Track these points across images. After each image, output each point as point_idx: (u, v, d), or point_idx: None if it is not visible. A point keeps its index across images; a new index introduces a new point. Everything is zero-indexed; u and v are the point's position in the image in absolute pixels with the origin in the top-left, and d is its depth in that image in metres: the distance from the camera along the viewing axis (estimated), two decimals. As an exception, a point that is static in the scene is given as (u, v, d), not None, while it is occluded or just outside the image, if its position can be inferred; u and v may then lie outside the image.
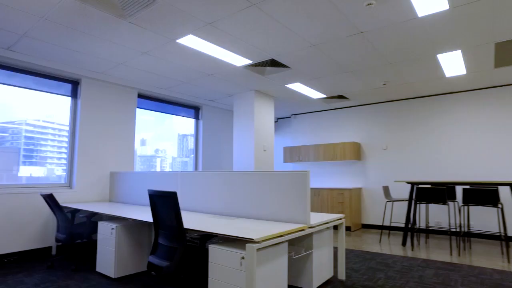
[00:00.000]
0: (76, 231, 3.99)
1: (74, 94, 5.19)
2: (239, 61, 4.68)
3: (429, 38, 3.95)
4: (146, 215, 3.47)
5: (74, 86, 5.19)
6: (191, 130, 7.29)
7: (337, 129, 7.93)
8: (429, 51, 4.36)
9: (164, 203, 2.57)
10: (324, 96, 6.66)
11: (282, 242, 2.54)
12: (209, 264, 2.46)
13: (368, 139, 7.41)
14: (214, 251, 2.44)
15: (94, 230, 4.14)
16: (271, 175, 3.15)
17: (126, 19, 3.46)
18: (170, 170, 6.83)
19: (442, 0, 3.10)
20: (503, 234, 5.07)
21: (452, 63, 4.81)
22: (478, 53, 4.42)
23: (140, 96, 6.16)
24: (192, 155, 7.25)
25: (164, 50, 4.30)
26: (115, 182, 5.31)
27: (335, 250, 4.94)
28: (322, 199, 7.29)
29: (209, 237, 2.64)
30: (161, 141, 6.73)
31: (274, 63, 4.77)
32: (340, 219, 3.52)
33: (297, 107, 7.75)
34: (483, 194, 4.70)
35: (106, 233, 3.69)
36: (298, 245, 3.11)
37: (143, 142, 6.44)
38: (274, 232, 2.40)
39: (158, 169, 6.64)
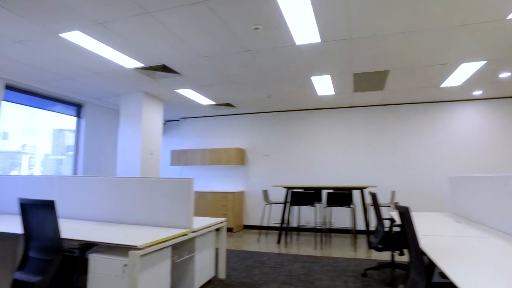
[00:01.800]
0: None
1: None
2: (130, 63, 4.56)
3: (304, 62, 4.57)
4: (8, 225, 3.12)
5: None
6: (70, 125, 6.66)
7: (223, 134, 8.30)
8: (305, 73, 5.02)
9: (39, 213, 2.40)
10: (213, 103, 6.93)
11: (165, 248, 2.65)
12: (89, 274, 2.40)
13: (252, 145, 7.98)
14: (95, 260, 2.40)
15: None
16: (157, 182, 3.21)
17: (-5, 3, 3.06)
18: (41, 169, 6.12)
19: (315, 34, 3.67)
20: (353, 229, 6.16)
21: (323, 85, 5.62)
22: (342, 79, 5.28)
23: (10, 88, 5.39)
24: (70, 153, 6.63)
25: (43, 42, 3.91)
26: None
27: (218, 251, 5.21)
28: (207, 202, 7.53)
29: (89, 246, 2.56)
30: (30, 135, 5.96)
31: (165, 68, 4.80)
32: (221, 222, 3.78)
33: (187, 111, 7.84)
34: (341, 197, 5.60)
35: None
36: (181, 249, 3.24)
37: (4, 136, 5.61)
38: (158, 238, 2.49)
39: (24, 168, 5.88)
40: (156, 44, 3.96)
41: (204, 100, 6.73)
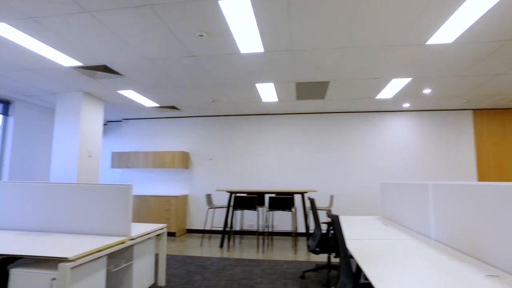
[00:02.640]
0: None
1: None
2: (67, 61, 4.32)
3: (249, 70, 4.67)
4: None
5: None
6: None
7: (167, 137, 8.14)
8: (250, 80, 5.13)
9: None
10: (157, 105, 6.78)
11: (100, 257, 2.56)
12: (12, 289, 2.24)
13: (197, 149, 7.93)
14: (17, 276, 2.23)
15: None
16: (93, 188, 3.08)
17: None
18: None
19: (259, 45, 3.78)
20: (294, 232, 6.40)
21: (267, 92, 5.78)
22: (285, 87, 5.48)
23: None
24: (-7, 157, 6.07)
25: (-37, 34, 3.57)
26: None
27: (158, 257, 5.10)
28: (149, 206, 7.33)
29: (12, 260, 2.39)
30: None
31: (106, 69, 4.61)
32: (162, 228, 3.73)
33: (129, 112, 7.57)
34: (283, 201, 5.79)
35: None
36: (119, 257, 3.14)
37: None
38: (92, 248, 2.41)
39: None
40: (96, 44, 3.81)
41: (147, 102, 6.56)
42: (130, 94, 5.95)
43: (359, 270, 2.18)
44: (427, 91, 5.62)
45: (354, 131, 7.37)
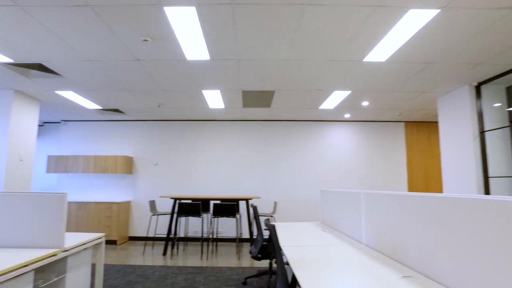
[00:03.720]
0: None
1: None
2: (-6, 57, 4.00)
3: (196, 77, 4.67)
4: None
5: None
6: None
7: (111, 141, 7.81)
8: (196, 86, 5.12)
9: None
10: (99, 107, 6.49)
11: (25, 273, 2.40)
12: None
13: (141, 153, 7.70)
14: None
15: None
16: (21, 197, 2.88)
17: None
18: None
19: (205, 52, 3.81)
20: (238, 238, 6.47)
21: (214, 99, 5.80)
22: (231, 94, 5.54)
23: None
24: None
25: None
26: None
27: (95, 267, 4.87)
28: (88, 213, 6.96)
29: None
30: None
31: (42, 67, 4.34)
32: (99, 238, 3.58)
33: (69, 113, 7.15)
34: (227, 207, 5.83)
35: None
36: (50, 271, 2.96)
37: None
38: (16, 263, 2.25)
39: None
40: (29, 40, 3.58)
41: (89, 104, 6.25)
42: (70, 95, 5.64)
43: (295, 277, 2.28)
44: (365, 103, 6.02)
45: (298, 139, 7.65)
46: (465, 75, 4.47)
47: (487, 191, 4.59)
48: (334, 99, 5.78)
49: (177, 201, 5.99)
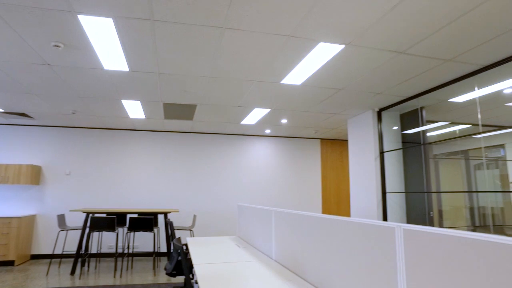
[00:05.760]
0: None
1: None
2: None
3: (114, 86, 4.50)
4: None
5: None
6: None
7: (14, 147, 7.03)
8: (115, 96, 4.93)
9: None
10: (1, 110, 5.84)
11: None
12: None
13: (52, 162, 7.07)
14: None
15: None
16: None
17: None
18: None
19: (124, 64, 3.71)
20: (155, 253, 6.28)
21: (134, 109, 5.63)
22: (152, 106, 5.44)
23: None
24: None
25: None
26: None
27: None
28: (-19, 230, 6.14)
29: None
30: None
31: None
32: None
33: (-39, 116, 6.29)
34: (144, 221, 5.65)
35: None
36: None
37: None
38: None
39: None
40: None
41: (-13, 107, 5.60)
42: (-37, 96, 4.99)
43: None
44: (284, 120, 6.37)
45: (220, 152, 7.75)
46: (368, 102, 5.03)
47: (384, 206, 5.17)
48: (254, 116, 6.02)
49: (90, 215, 5.62)
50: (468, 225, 6.03)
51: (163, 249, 7.07)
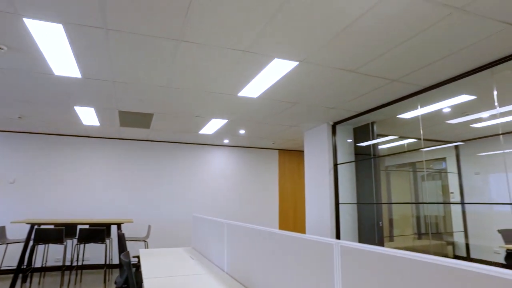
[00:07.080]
0: None
1: None
2: None
3: (66, 93, 4.32)
4: None
5: None
6: None
7: (-49, 154, 6.48)
8: (68, 102, 4.73)
9: None
10: None
11: None
12: None
13: (-7, 170, 6.58)
14: None
15: None
16: None
17: None
18: None
19: (75, 70, 3.59)
20: (107, 264, 6.02)
21: (88, 115, 5.42)
22: (107, 113, 5.27)
23: None
24: None
25: None
26: None
27: None
28: None
29: None
30: None
31: None
32: None
33: None
34: (95, 232, 5.41)
35: None
36: None
37: None
38: None
39: None
40: None
41: None
42: None
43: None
44: (242, 131, 6.43)
45: (178, 161, 7.64)
46: (323, 115, 5.22)
47: (337, 216, 5.36)
48: (212, 126, 6.02)
49: (35, 227, 5.29)
50: (414, 233, 6.40)
51: (116, 260, 6.79)
